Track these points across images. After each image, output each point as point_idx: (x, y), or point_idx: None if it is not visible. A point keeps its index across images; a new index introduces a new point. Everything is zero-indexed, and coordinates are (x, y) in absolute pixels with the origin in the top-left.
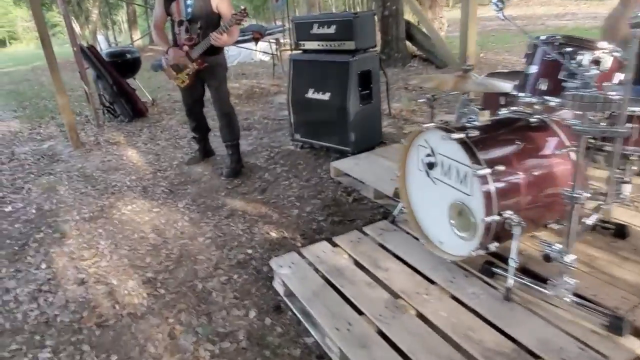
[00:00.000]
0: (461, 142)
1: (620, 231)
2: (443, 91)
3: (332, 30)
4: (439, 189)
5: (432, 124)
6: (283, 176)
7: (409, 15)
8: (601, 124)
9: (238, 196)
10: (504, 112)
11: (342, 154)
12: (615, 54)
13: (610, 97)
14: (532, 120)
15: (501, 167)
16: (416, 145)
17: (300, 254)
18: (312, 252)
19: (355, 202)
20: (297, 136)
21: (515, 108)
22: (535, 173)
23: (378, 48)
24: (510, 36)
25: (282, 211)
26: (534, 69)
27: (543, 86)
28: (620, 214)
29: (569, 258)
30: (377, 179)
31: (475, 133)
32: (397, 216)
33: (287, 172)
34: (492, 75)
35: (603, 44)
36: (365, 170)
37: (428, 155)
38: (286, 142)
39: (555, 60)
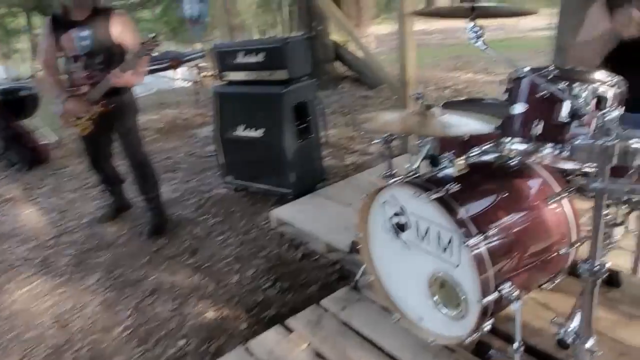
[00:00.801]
0: (440, 200)
1: (614, 278)
2: (400, 134)
3: (260, 58)
4: (414, 256)
5: (400, 178)
6: (217, 230)
7: (335, 35)
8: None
9: (164, 262)
10: (475, 154)
11: (283, 197)
12: (619, 86)
13: (634, 147)
14: (513, 164)
15: (493, 230)
16: (380, 201)
17: (247, 350)
18: (262, 345)
19: (304, 259)
20: (230, 178)
21: (487, 147)
22: (529, 231)
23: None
24: (433, 50)
25: (219, 279)
26: (521, 108)
27: (537, 129)
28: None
29: (590, 343)
30: (328, 229)
31: (455, 188)
32: (359, 280)
33: (221, 223)
34: (449, 106)
35: (601, 75)
36: (312, 218)
37: (397, 214)
38: (217, 185)
39: (549, 97)
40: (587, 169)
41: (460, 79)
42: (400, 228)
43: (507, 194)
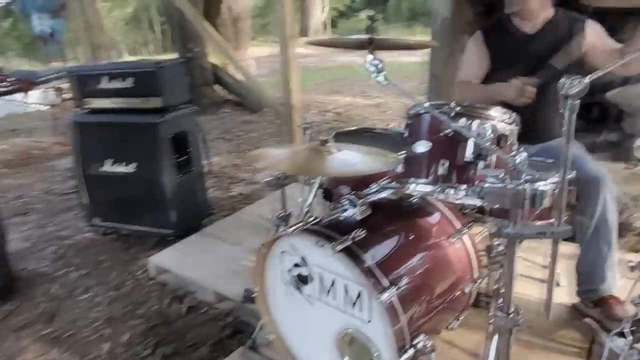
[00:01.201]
0: (347, 251)
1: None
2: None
3: (128, 84)
4: (319, 311)
5: (299, 225)
6: (81, 286)
7: (213, 58)
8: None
9: (9, 335)
10: (374, 191)
11: (162, 240)
12: (516, 123)
13: (542, 190)
14: (414, 200)
15: (403, 278)
16: (277, 251)
17: None
18: None
19: (191, 313)
20: (97, 220)
21: (386, 184)
22: (436, 272)
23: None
24: (310, 73)
25: (85, 351)
26: (424, 147)
27: (442, 169)
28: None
29: None
30: (216, 275)
31: (360, 235)
32: (256, 338)
33: (86, 277)
34: (340, 137)
35: (500, 112)
36: (198, 262)
37: (297, 265)
38: (81, 229)
39: (453, 136)
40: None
41: (340, 102)
42: (302, 281)
43: (411, 235)
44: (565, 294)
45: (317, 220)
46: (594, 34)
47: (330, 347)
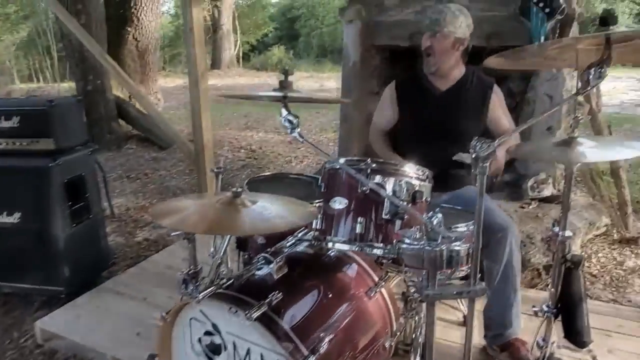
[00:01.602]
0: (263, 318)
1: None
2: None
3: (13, 123)
4: None
5: (211, 290)
6: None
7: (118, 90)
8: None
9: None
10: (290, 243)
11: (52, 299)
12: (429, 180)
13: (457, 249)
14: (331, 254)
15: (323, 344)
16: (186, 319)
17: None
18: None
19: None
20: None
21: (302, 235)
22: (356, 328)
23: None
24: (222, 107)
25: None
26: (341, 204)
27: (359, 228)
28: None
29: None
30: (116, 339)
31: (278, 297)
32: None
33: None
34: (254, 183)
35: (414, 169)
36: (94, 324)
37: (208, 333)
38: None
39: (369, 193)
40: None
41: (254, 138)
42: (214, 351)
43: (330, 293)
44: (475, 334)
45: (229, 282)
46: (497, 102)
47: None
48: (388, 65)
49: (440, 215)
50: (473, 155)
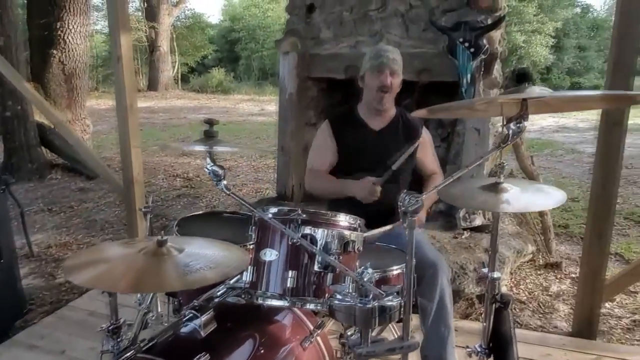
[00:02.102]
0: None
1: None
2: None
3: None
4: None
5: (131, 354)
6: None
7: (41, 117)
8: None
9: None
10: (221, 293)
11: None
12: (362, 229)
13: (390, 305)
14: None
15: None
16: None
17: None
18: None
19: None
20: None
21: (234, 282)
22: None
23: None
24: (158, 131)
25: None
26: (272, 256)
27: (291, 282)
28: None
29: None
30: None
31: (205, 358)
32: None
33: None
34: (185, 222)
35: (345, 218)
36: None
37: None
38: None
39: (300, 245)
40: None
41: (191, 165)
42: None
43: (263, 347)
44: None
45: (151, 343)
46: (425, 143)
47: None
48: (324, 97)
49: (370, 270)
50: (401, 209)
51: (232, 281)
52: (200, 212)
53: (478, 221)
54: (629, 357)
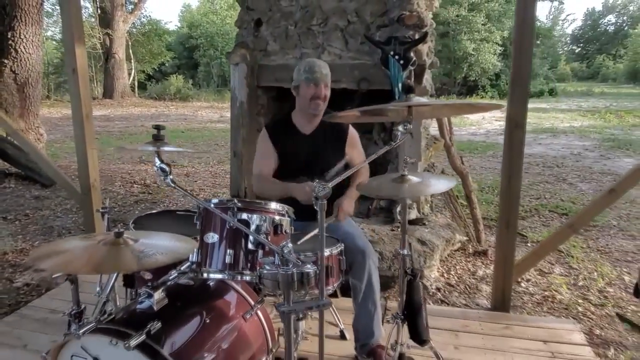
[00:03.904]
0: (143, 347)
1: None
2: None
3: None
4: None
5: (91, 325)
6: None
7: None
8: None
9: None
10: (174, 277)
11: None
12: (289, 215)
13: (307, 271)
14: (210, 283)
15: None
16: (67, 356)
17: None
18: None
19: None
20: None
21: (185, 268)
22: (235, 349)
23: None
24: (115, 139)
25: None
26: (214, 238)
27: (229, 258)
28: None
29: None
30: None
31: (157, 326)
32: None
33: None
34: (140, 221)
35: (275, 206)
36: None
37: None
38: None
39: (237, 229)
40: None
41: (149, 172)
42: None
43: (209, 319)
44: (350, 346)
45: (110, 317)
46: (352, 138)
47: None
48: (274, 104)
49: (290, 244)
50: (313, 195)
51: (182, 267)
52: (155, 211)
53: (412, 215)
54: (533, 324)
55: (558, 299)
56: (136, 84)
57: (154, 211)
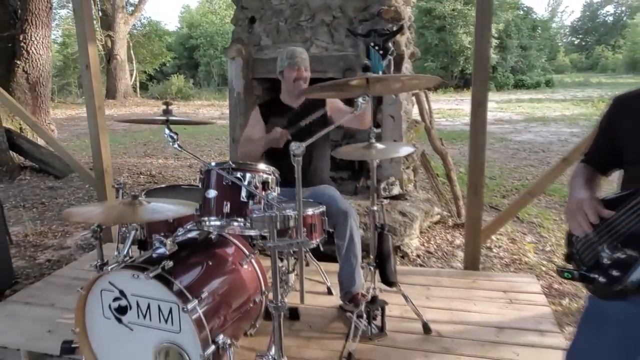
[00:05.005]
0: (158, 277)
1: (294, 313)
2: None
3: None
4: (137, 335)
5: (117, 264)
6: None
7: (8, 122)
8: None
9: None
10: (181, 233)
11: None
12: (274, 174)
13: (288, 214)
14: (212, 237)
15: (205, 294)
16: (97, 291)
17: None
18: None
19: None
20: None
21: (190, 226)
22: (232, 290)
23: None
24: (120, 137)
25: None
26: (213, 193)
27: (226, 208)
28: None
29: None
30: (29, 338)
31: (169, 264)
32: None
33: None
34: (151, 193)
35: (263, 167)
36: (5, 329)
37: (116, 299)
38: None
39: (232, 184)
40: (264, 234)
41: (154, 164)
42: (122, 312)
43: (211, 263)
44: (336, 299)
45: (132, 259)
46: (333, 103)
47: None
48: (268, 94)
49: (274, 193)
50: (292, 153)
51: (188, 226)
52: (163, 185)
53: (395, 191)
54: (497, 279)
55: (524, 261)
56: (138, 84)
57: (163, 185)
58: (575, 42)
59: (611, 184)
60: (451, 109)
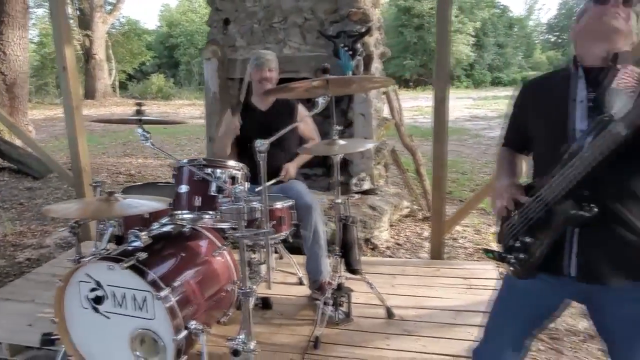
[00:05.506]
0: (133, 268)
1: (266, 302)
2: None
3: None
4: (113, 323)
5: (93, 256)
6: None
7: None
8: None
9: None
10: (156, 227)
11: None
12: (243, 170)
13: (254, 206)
14: (186, 230)
15: (177, 282)
16: (75, 282)
17: None
18: None
19: None
20: None
21: (165, 221)
22: (205, 279)
23: None
24: (98, 137)
25: None
26: (185, 188)
27: (197, 202)
28: (260, 289)
29: (252, 344)
30: (8, 331)
31: (144, 256)
32: None
33: None
34: (128, 190)
35: (232, 163)
36: None
37: (93, 289)
38: None
39: (202, 180)
40: (235, 227)
41: (133, 164)
42: (98, 301)
43: (184, 255)
44: (306, 289)
45: (108, 252)
46: (302, 114)
47: (125, 349)
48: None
49: (241, 187)
50: (257, 150)
51: (163, 220)
52: (140, 183)
53: (366, 186)
54: (459, 267)
55: None
56: (117, 84)
57: (139, 183)
58: (552, 40)
59: None
60: (428, 106)
